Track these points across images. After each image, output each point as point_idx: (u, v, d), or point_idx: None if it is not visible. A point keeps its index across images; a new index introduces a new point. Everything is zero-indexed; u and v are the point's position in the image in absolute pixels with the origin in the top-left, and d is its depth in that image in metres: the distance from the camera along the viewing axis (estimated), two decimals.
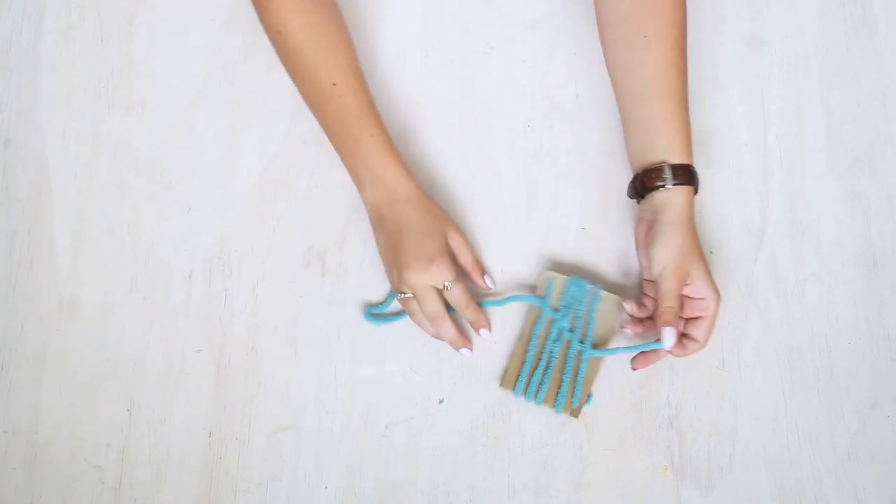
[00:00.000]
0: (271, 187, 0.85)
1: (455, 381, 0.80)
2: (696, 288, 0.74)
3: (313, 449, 0.78)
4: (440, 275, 0.75)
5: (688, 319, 0.76)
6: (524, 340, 0.80)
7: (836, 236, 0.85)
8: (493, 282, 0.80)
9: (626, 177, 0.86)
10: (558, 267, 0.83)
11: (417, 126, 0.87)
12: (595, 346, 0.79)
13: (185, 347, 0.80)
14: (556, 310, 0.80)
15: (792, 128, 0.88)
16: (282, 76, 0.87)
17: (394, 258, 0.76)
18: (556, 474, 0.78)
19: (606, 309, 0.80)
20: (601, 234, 0.84)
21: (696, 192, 0.77)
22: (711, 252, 0.84)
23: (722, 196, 0.85)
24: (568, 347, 0.79)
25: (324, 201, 0.84)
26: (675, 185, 0.75)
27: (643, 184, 0.77)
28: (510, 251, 0.83)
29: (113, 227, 0.83)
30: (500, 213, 0.85)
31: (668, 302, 0.73)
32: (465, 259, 0.79)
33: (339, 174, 0.85)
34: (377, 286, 0.82)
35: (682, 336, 0.75)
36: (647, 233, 0.77)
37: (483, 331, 0.78)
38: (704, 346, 0.75)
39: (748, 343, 0.82)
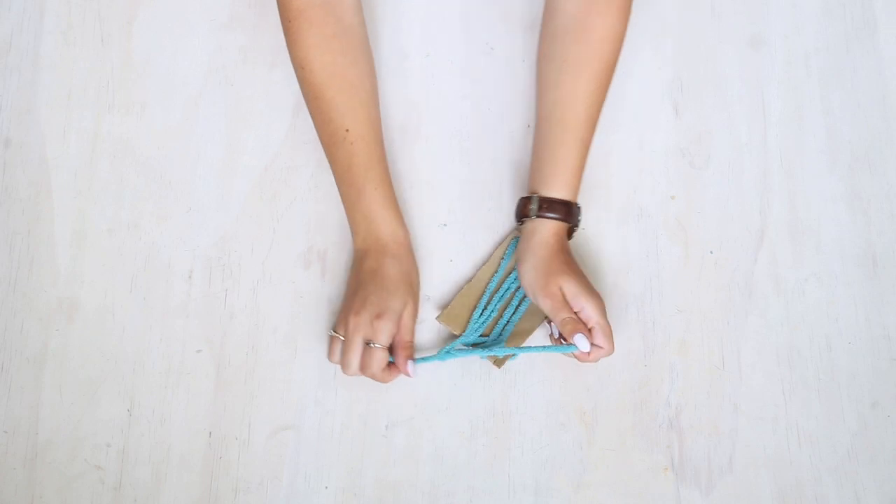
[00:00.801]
0: (271, 187, 0.85)
1: (455, 382, 0.80)
2: (571, 300, 0.75)
3: (313, 449, 0.78)
4: (377, 333, 0.74)
5: (590, 326, 0.76)
6: (479, 282, 0.82)
7: (836, 236, 0.85)
8: (415, 373, 0.77)
9: (625, 177, 0.87)
10: None
11: (417, 126, 0.87)
12: (532, 309, 0.81)
13: (185, 347, 0.80)
14: (513, 269, 0.82)
15: (792, 128, 0.88)
16: (282, 76, 0.88)
17: (352, 299, 0.76)
18: (556, 474, 0.78)
19: None
20: (602, 235, 0.84)
21: (572, 225, 0.78)
22: (711, 252, 0.84)
23: (722, 196, 0.86)
24: (511, 298, 0.81)
25: (324, 201, 0.84)
26: (538, 217, 0.77)
27: (518, 211, 0.80)
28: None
29: (113, 227, 0.83)
30: (501, 213, 0.85)
31: (561, 315, 0.75)
32: (404, 337, 0.77)
33: None
34: None
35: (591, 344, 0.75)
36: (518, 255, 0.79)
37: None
38: (611, 349, 0.75)
39: (748, 343, 0.82)
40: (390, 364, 0.77)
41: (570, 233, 0.80)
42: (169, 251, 0.83)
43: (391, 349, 0.76)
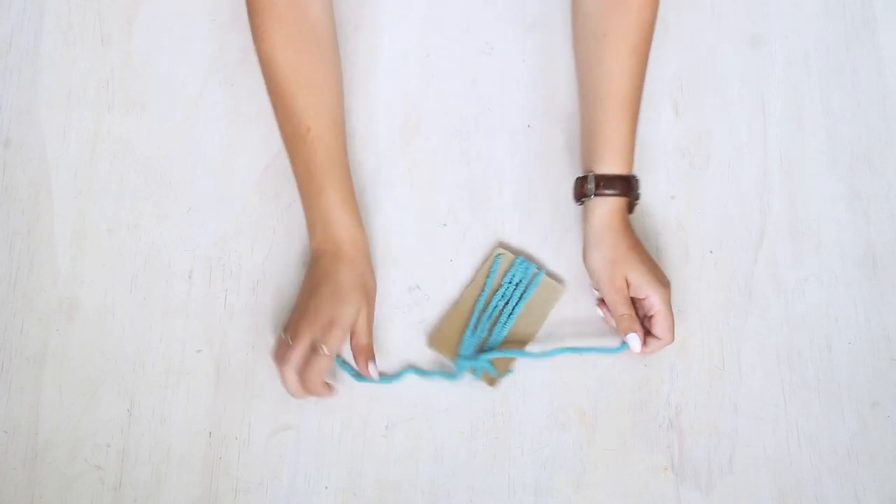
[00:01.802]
0: (271, 187, 0.85)
1: (455, 382, 0.80)
2: (636, 290, 0.75)
3: (313, 449, 0.78)
4: (327, 339, 0.73)
5: (647, 317, 0.76)
6: (466, 304, 0.81)
7: (836, 236, 0.85)
8: (377, 373, 0.77)
9: None
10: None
11: (417, 126, 0.87)
12: (520, 327, 0.80)
13: (185, 347, 0.80)
14: (499, 286, 0.81)
15: (792, 128, 0.88)
16: None
17: (305, 303, 0.76)
18: (556, 474, 0.78)
19: (543, 294, 0.81)
20: None
21: (632, 200, 0.78)
22: (711, 252, 0.84)
23: (722, 196, 0.86)
24: (500, 314, 0.81)
25: None
26: (597, 195, 0.76)
27: (575, 192, 0.79)
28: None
29: (113, 227, 0.83)
30: (501, 213, 0.85)
31: (619, 311, 0.75)
32: (360, 340, 0.76)
33: None
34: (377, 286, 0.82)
35: (647, 335, 0.76)
36: (584, 239, 0.79)
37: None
38: (671, 340, 0.76)
39: (748, 343, 0.82)
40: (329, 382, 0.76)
41: (630, 207, 0.79)
42: (169, 251, 0.83)
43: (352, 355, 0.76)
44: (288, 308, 0.81)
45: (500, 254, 0.82)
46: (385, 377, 0.79)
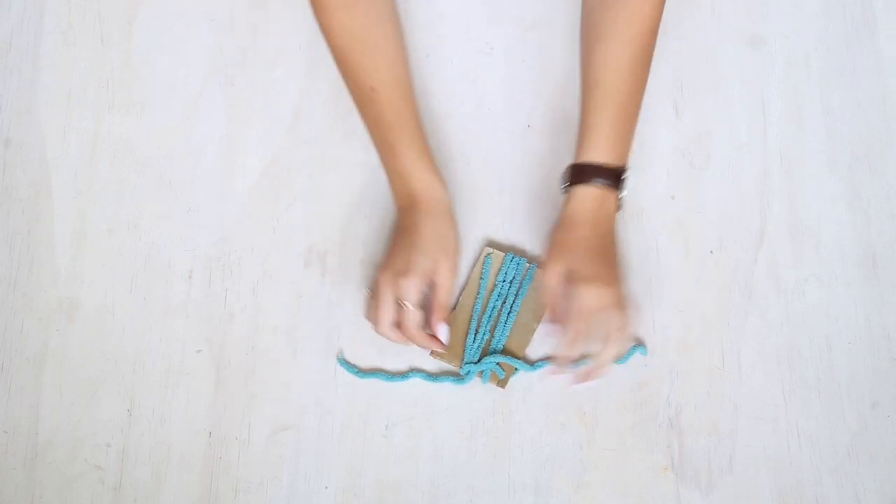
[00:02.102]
0: (271, 187, 0.85)
1: (455, 382, 0.80)
2: (568, 287, 0.72)
3: (313, 449, 0.78)
4: (402, 290, 0.73)
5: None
6: (464, 308, 0.81)
7: (836, 236, 0.85)
8: (447, 336, 0.76)
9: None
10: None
11: None
12: (521, 323, 0.80)
13: (185, 347, 0.80)
14: (493, 286, 0.81)
15: (792, 128, 0.88)
16: (282, 76, 0.88)
17: (385, 257, 0.77)
18: (556, 474, 0.78)
19: (539, 286, 0.81)
20: None
21: (617, 190, 0.75)
22: (711, 252, 0.84)
23: (722, 196, 0.86)
24: (500, 314, 0.80)
25: (324, 201, 0.84)
26: (573, 184, 0.75)
27: (560, 180, 0.78)
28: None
29: (113, 227, 0.83)
30: (502, 213, 0.85)
31: (544, 298, 0.74)
32: (440, 297, 0.75)
33: (339, 174, 0.85)
34: None
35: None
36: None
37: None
38: (568, 352, 0.72)
39: (748, 343, 0.82)
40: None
41: (616, 203, 0.77)
42: (169, 251, 0.83)
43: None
44: (288, 307, 0.81)
45: (489, 253, 0.82)
46: (388, 374, 0.79)
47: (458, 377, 0.79)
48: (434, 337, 0.76)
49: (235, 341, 0.81)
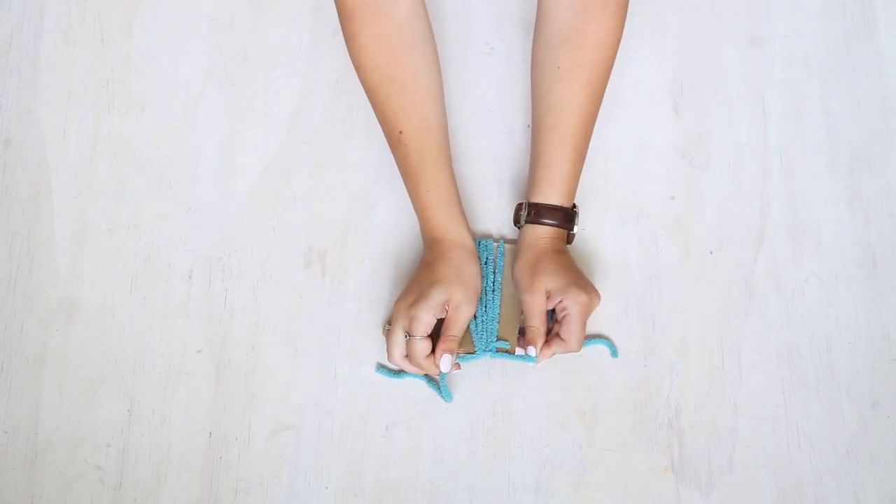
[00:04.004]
0: (271, 187, 0.85)
1: (455, 382, 0.80)
2: (553, 297, 0.75)
3: (313, 449, 0.78)
4: (412, 322, 0.73)
5: (558, 321, 0.76)
6: None
7: (836, 236, 0.85)
8: (449, 367, 0.75)
9: (625, 177, 0.87)
10: None
11: None
12: (507, 297, 0.80)
13: (185, 347, 0.80)
14: None
15: (792, 128, 0.88)
16: (281, 76, 0.88)
17: (406, 286, 0.78)
18: (556, 474, 0.78)
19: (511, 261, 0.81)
20: (602, 235, 0.84)
21: (567, 231, 0.79)
22: (711, 252, 0.84)
23: (722, 196, 0.86)
24: (485, 294, 0.80)
25: (324, 201, 0.84)
26: (528, 223, 0.78)
27: (514, 216, 0.81)
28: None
29: (113, 227, 0.83)
30: (501, 213, 0.85)
31: (530, 322, 0.76)
32: (448, 328, 0.75)
33: (339, 174, 0.85)
34: (377, 286, 0.82)
35: (556, 335, 0.76)
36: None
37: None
38: (575, 347, 0.76)
39: (748, 343, 0.82)
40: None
41: (568, 238, 0.80)
42: (169, 251, 0.83)
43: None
44: (288, 307, 0.81)
45: (479, 240, 0.83)
46: (390, 371, 0.80)
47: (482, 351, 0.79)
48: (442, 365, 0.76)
49: (235, 341, 0.81)
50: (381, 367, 0.80)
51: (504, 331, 0.79)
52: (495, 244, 0.82)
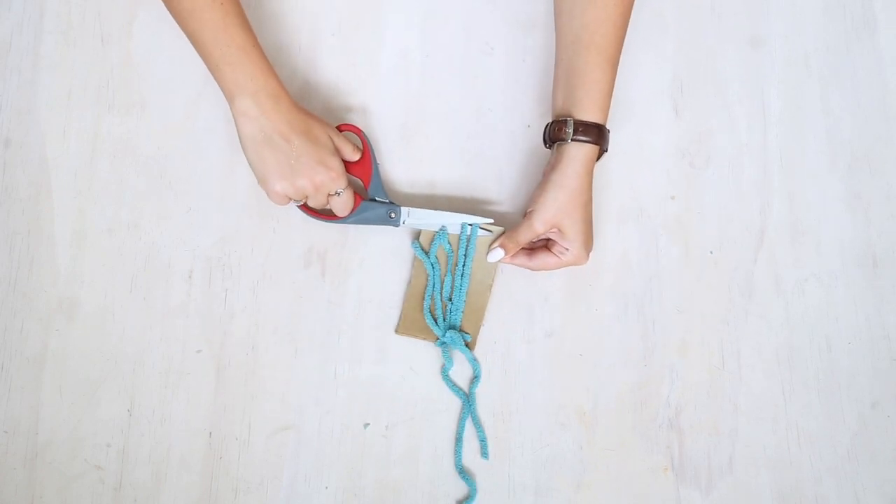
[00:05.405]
0: None
1: (455, 382, 0.80)
2: (562, 237, 0.78)
3: (313, 449, 0.78)
4: (334, 181, 0.78)
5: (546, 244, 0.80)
6: (417, 282, 0.81)
7: (836, 236, 0.85)
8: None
9: (625, 177, 0.87)
10: None
11: (417, 126, 0.87)
12: (476, 280, 0.81)
13: (185, 347, 0.80)
14: (435, 261, 0.82)
15: (792, 128, 0.88)
16: (281, 76, 0.87)
17: (283, 168, 0.77)
18: (556, 474, 0.78)
19: (483, 247, 0.82)
20: (602, 235, 0.84)
21: (602, 150, 0.79)
22: (711, 252, 0.84)
23: (722, 196, 0.86)
24: (454, 278, 0.82)
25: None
26: (573, 140, 0.77)
27: (550, 134, 0.80)
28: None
29: (113, 227, 0.83)
30: (502, 212, 0.85)
31: (518, 237, 0.79)
32: (347, 153, 0.81)
33: None
34: (377, 286, 0.82)
35: (528, 250, 0.80)
36: (545, 176, 0.80)
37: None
38: (532, 267, 0.80)
39: (748, 343, 0.82)
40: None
41: (599, 157, 0.80)
42: (169, 251, 0.83)
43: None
44: (288, 307, 0.81)
45: (416, 237, 0.83)
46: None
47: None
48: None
49: (235, 341, 0.81)
50: (448, 378, 0.80)
51: (468, 323, 0.79)
52: (469, 226, 0.82)
